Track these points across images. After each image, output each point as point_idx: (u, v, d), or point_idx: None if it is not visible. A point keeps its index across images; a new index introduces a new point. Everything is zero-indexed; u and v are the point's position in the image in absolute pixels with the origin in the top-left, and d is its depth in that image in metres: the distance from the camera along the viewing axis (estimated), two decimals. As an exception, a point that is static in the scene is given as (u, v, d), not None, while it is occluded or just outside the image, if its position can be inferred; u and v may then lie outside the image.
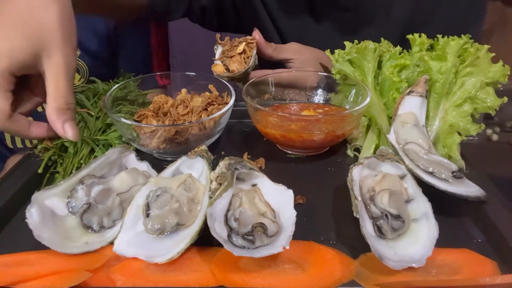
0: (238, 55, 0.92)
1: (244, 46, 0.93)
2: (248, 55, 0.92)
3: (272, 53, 0.96)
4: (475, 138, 0.89)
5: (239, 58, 0.91)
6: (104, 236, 0.61)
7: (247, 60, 0.92)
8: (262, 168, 0.81)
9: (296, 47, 0.99)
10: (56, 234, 0.58)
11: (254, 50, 0.93)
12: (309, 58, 0.98)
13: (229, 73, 0.91)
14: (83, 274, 0.53)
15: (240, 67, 0.91)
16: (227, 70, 0.92)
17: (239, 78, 0.93)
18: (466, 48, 0.80)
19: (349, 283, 0.54)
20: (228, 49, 0.93)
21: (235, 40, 0.95)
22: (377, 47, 0.84)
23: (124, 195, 0.66)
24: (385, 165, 0.68)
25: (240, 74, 0.91)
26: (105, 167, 0.70)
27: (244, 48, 0.93)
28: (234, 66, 0.91)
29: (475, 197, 0.65)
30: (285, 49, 0.98)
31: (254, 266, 0.55)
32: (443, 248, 0.58)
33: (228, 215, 0.60)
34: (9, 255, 0.59)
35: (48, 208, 0.61)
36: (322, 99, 0.96)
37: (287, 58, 0.97)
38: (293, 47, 0.99)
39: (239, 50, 0.92)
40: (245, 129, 0.96)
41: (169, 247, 0.58)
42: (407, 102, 0.78)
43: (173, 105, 0.84)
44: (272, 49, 0.96)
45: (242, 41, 0.94)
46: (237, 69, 0.91)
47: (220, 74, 0.91)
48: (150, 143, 0.77)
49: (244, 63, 0.91)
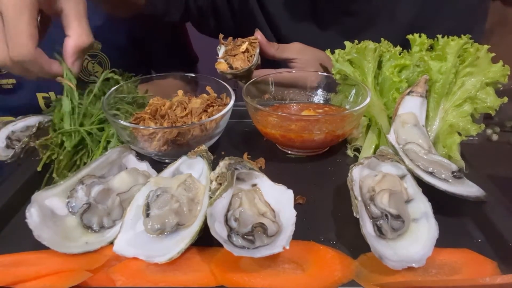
0: (241, 53, 0.94)
1: (247, 45, 0.94)
2: (251, 53, 0.94)
3: (275, 53, 0.97)
4: (475, 138, 0.89)
5: (243, 57, 0.93)
6: (104, 236, 0.61)
7: (250, 59, 0.93)
8: (262, 168, 0.81)
9: (298, 46, 0.99)
10: (56, 234, 0.59)
11: (257, 49, 0.94)
12: (311, 59, 0.98)
13: (232, 70, 0.92)
14: (83, 274, 0.53)
15: (243, 64, 0.93)
16: (230, 68, 0.93)
17: (242, 75, 0.94)
18: (466, 48, 0.80)
19: (349, 283, 0.54)
20: (231, 48, 0.95)
21: (238, 40, 0.97)
22: (377, 47, 0.84)
23: (124, 195, 0.66)
24: (385, 165, 0.68)
25: (244, 71, 0.92)
26: (105, 167, 0.71)
27: (247, 47, 0.94)
28: (238, 64, 0.93)
29: (475, 197, 0.65)
30: (287, 49, 0.98)
31: (254, 266, 0.55)
32: (443, 248, 0.58)
33: (228, 215, 0.60)
34: (9, 255, 0.59)
35: (48, 208, 0.61)
36: (322, 99, 0.96)
37: (289, 58, 0.98)
38: (295, 47, 0.99)
39: (242, 49, 0.94)
40: (245, 129, 0.96)
41: (169, 247, 0.58)
42: (407, 102, 0.78)
43: (171, 107, 0.84)
44: (275, 48, 0.97)
45: (245, 41, 0.96)
46: (240, 67, 0.92)
47: (224, 71, 0.93)
48: (150, 146, 0.76)
49: (247, 61, 0.93)
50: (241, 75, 0.94)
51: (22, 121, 0.90)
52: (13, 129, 0.88)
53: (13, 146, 0.84)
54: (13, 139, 0.86)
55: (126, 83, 0.90)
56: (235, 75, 0.93)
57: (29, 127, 0.88)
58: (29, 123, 0.89)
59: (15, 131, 0.87)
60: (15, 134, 0.87)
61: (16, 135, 0.86)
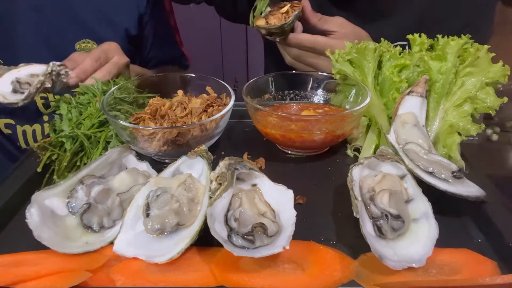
0: (280, 13, 0.96)
1: (288, 8, 0.97)
2: (289, 15, 0.95)
3: (317, 23, 0.98)
4: (475, 139, 0.89)
5: (280, 16, 0.96)
6: (104, 236, 0.61)
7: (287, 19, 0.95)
8: (262, 168, 0.81)
9: (340, 20, 1.00)
10: (56, 234, 0.58)
11: (296, 12, 0.96)
12: (350, 33, 0.98)
13: (266, 25, 0.95)
14: (83, 274, 0.53)
15: (278, 22, 0.94)
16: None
17: (276, 32, 0.95)
18: (466, 48, 0.80)
19: (349, 283, 0.54)
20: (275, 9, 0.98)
21: (282, 3, 0.99)
22: (377, 47, 0.84)
23: (124, 195, 0.66)
24: (385, 165, 0.68)
25: (277, 28, 0.94)
26: (105, 167, 0.70)
27: (288, 9, 0.96)
28: (273, 21, 0.95)
29: (475, 197, 0.65)
30: (330, 20, 0.99)
31: (254, 266, 0.55)
32: (443, 248, 0.58)
33: (228, 215, 0.60)
34: (9, 255, 0.59)
35: (48, 208, 0.61)
36: (322, 99, 0.96)
37: (329, 30, 0.98)
38: (337, 20, 1.00)
39: (283, 10, 0.96)
40: (245, 129, 0.96)
41: (169, 247, 0.58)
42: (407, 102, 0.78)
43: (171, 107, 0.84)
44: (317, 18, 0.98)
45: (288, 4, 0.98)
46: (274, 23, 0.94)
47: (260, 25, 0.95)
48: (150, 146, 0.76)
49: (284, 20, 0.95)
50: (275, 32, 0.95)
51: (25, 69, 0.90)
52: (18, 75, 0.87)
53: (22, 89, 0.84)
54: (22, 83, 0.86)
55: (126, 83, 0.90)
56: (268, 30, 0.95)
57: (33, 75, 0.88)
58: (33, 71, 0.89)
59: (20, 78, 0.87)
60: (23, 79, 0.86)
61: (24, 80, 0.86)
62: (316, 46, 0.94)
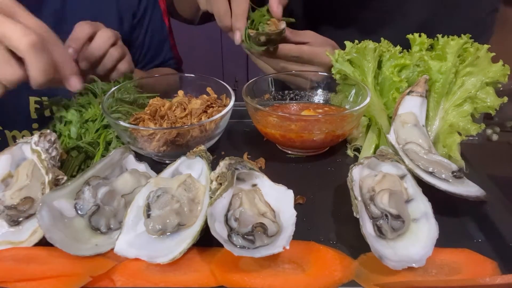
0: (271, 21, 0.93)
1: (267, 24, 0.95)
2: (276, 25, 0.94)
3: (291, 36, 0.97)
4: (475, 138, 0.89)
5: (275, 21, 0.93)
6: (112, 238, 0.61)
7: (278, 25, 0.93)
8: (262, 168, 0.81)
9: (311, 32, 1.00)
10: (66, 236, 0.58)
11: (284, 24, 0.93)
12: (324, 42, 0.98)
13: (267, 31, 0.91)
14: (84, 279, 0.53)
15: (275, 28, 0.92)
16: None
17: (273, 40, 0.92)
18: (466, 48, 0.80)
19: (349, 283, 0.54)
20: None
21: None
22: (377, 47, 0.84)
23: (129, 196, 0.65)
24: (385, 165, 0.68)
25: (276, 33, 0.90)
26: (108, 168, 0.70)
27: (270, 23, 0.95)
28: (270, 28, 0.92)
29: (475, 197, 0.65)
30: (301, 33, 0.98)
31: (254, 266, 0.55)
32: (443, 248, 0.58)
33: (228, 215, 0.60)
34: (24, 249, 0.59)
35: (57, 210, 0.61)
36: (322, 99, 0.96)
37: (305, 41, 0.98)
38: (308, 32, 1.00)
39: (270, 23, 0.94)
40: (245, 129, 0.96)
41: (171, 247, 0.58)
42: (407, 102, 0.78)
43: (170, 108, 0.84)
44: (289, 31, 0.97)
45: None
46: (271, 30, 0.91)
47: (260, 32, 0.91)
48: (149, 146, 0.76)
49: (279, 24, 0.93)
50: (273, 39, 0.92)
51: None
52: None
53: None
54: None
55: (126, 83, 0.90)
56: (269, 36, 0.91)
57: None
58: None
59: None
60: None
61: None
62: (302, 55, 0.94)
